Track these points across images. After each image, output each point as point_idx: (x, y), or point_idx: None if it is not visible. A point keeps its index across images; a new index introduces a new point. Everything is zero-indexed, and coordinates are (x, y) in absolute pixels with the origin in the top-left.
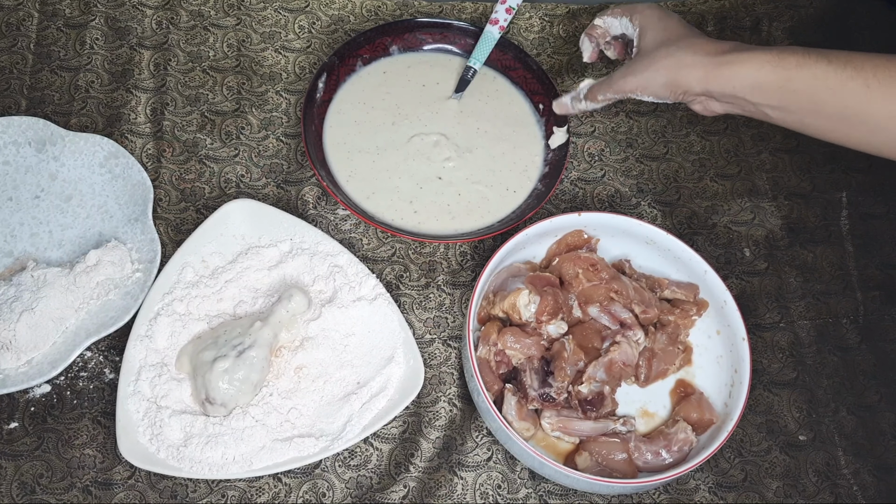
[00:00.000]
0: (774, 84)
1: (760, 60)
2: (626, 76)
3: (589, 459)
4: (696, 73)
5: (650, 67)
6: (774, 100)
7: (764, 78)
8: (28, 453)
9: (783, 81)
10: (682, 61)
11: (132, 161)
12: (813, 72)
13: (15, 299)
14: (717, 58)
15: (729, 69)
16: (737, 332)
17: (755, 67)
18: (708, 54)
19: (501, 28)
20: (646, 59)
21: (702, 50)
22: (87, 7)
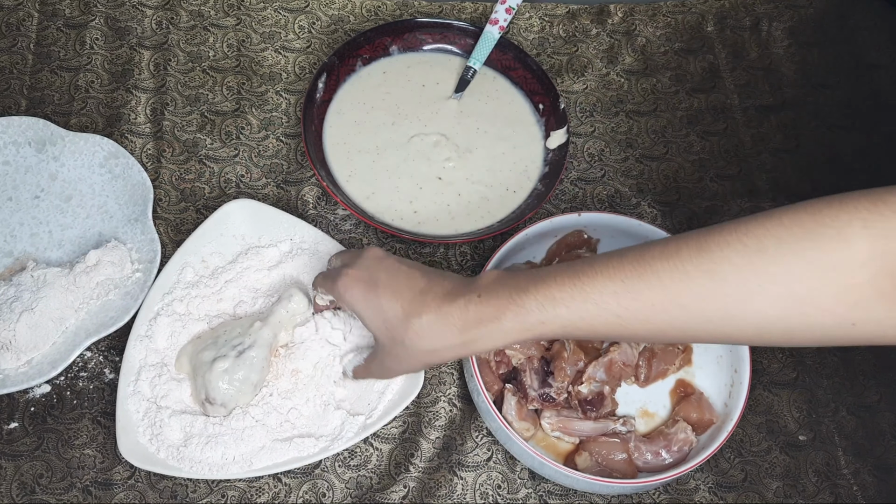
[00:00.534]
0: (529, 339)
1: (502, 332)
2: (385, 372)
3: (589, 459)
4: (444, 356)
5: (400, 364)
6: (560, 337)
7: (513, 339)
8: (28, 453)
9: (536, 336)
10: (426, 355)
11: (132, 161)
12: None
13: (15, 299)
14: (464, 338)
15: (474, 347)
16: None
17: (498, 338)
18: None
19: (501, 28)
20: (389, 356)
21: (439, 335)
22: (87, 7)
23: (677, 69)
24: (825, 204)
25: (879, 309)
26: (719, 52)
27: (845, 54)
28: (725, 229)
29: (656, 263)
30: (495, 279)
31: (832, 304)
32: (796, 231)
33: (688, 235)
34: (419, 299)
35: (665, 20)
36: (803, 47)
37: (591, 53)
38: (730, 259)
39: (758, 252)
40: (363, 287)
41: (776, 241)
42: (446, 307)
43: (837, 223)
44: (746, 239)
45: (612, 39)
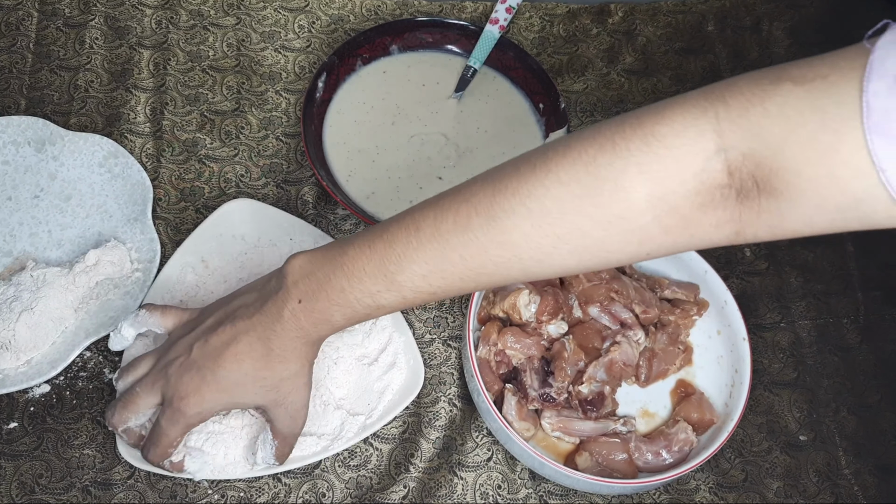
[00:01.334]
0: (370, 317)
1: (338, 325)
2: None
3: (589, 459)
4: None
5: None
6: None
7: (354, 322)
8: (27, 453)
9: (372, 314)
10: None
11: (132, 161)
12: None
13: (14, 299)
14: (310, 340)
15: (321, 338)
16: (737, 332)
17: (339, 327)
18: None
19: (501, 28)
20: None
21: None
22: (87, 6)
23: (678, 69)
24: (598, 148)
25: (667, 240)
26: (720, 52)
27: None
28: (509, 190)
29: (452, 239)
30: (302, 275)
31: (622, 246)
32: (574, 189)
33: (475, 198)
34: (256, 342)
35: (665, 20)
36: (804, 47)
37: (592, 53)
38: (519, 227)
39: (542, 216)
40: (208, 389)
41: (558, 204)
42: (280, 327)
43: (612, 172)
44: (530, 203)
45: (612, 39)
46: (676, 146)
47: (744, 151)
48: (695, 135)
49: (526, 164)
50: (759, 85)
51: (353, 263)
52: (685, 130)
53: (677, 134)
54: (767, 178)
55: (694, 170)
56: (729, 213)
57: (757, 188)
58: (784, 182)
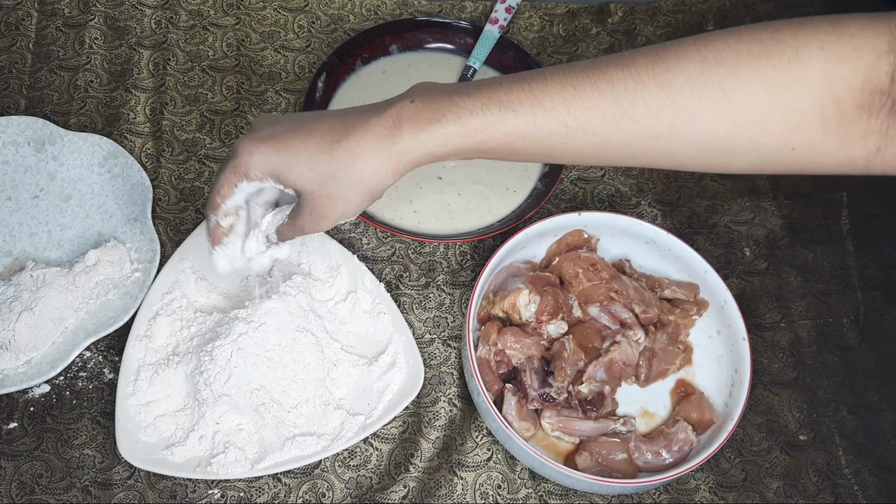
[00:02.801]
0: (470, 149)
1: (441, 136)
2: (319, 220)
3: (589, 459)
4: (383, 176)
5: (334, 205)
6: (488, 154)
7: (453, 148)
8: (27, 453)
9: (477, 146)
10: (360, 182)
11: (131, 161)
12: (504, 129)
13: (14, 299)
14: (399, 148)
15: (413, 155)
16: (737, 331)
17: (437, 145)
18: (377, 158)
19: (501, 27)
20: (320, 200)
21: (372, 153)
22: (87, 6)
23: None
24: (787, 24)
25: (819, 134)
26: None
27: None
28: (685, 42)
29: (610, 72)
30: (430, 86)
31: (776, 125)
32: (755, 47)
33: (646, 48)
34: (340, 124)
35: (665, 20)
36: None
37: (592, 53)
38: (687, 71)
39: (715, 65)
40: (270, 142)
41: (734, 56)
42: (375, 118)
43: (796, 42)
44: (706, 51)
45: (612, 39)
46: (857, 36)
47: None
48: (874, 33)
49: (708, 33)
50: None
51: (491, 81)
52: (868, 26)
53: (861, 27)
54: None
55: (866, 64)
56: (878, 124)
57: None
58: None
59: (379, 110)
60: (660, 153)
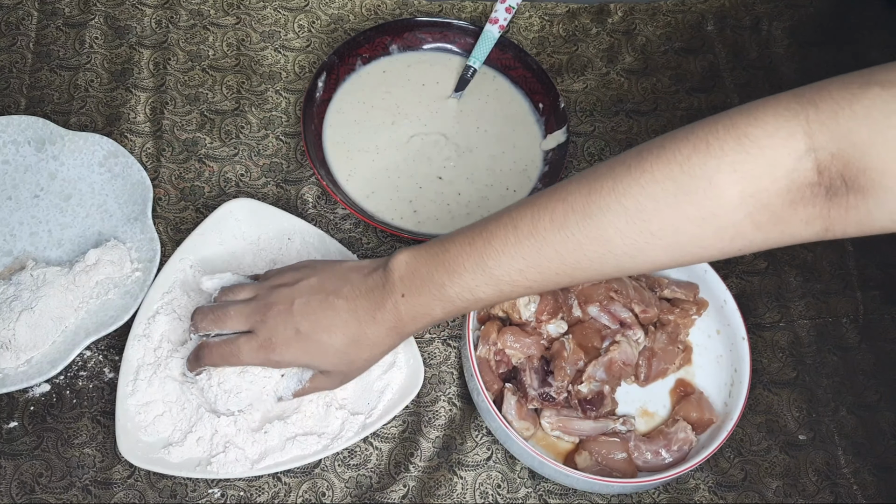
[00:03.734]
0: (457, 315)
1: (433, 320)
2: (336, 384)
3: (589, 459)
4: (390, 350)
5: (350, 376)
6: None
7: (443, 319)
8: (27, 452)
9: (462, 312)
10: (373, 359)
11: (132, 160)
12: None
13: (14, 298)
14: (401, 334)
15: (413, 333)
16: (737, 331)
17: (433, 323)
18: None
19: (501, 27)
20: (340, 374)
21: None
22: (87, 6)
23: (677, 69)
24: (692, 148)
25: (759, 236)
26: (719, 52)
27: (845, 54)
28: (605, 189)
29: (549, 236)
30: (407, 271)
31: (714, 242)
32: (669, 187)
33: (571, 197)
34: (353, 321)
35: (665, 19)
36: (803, 47)
37: (591, 53)
38: (614, 224)
39: (637, 213)
40: (297, 345)
41: (653, 202)
42: (380, 315)
43: (706, 171)
44: (625, 201)
45: (612, 39)
46: (769, 146)
47: (832, 152)
48: (786, 136)
49: (620, 164)
50: (848, 89)
51: (454, 260)
52: (777, 132)
53: (769, 135)
54: (855, 176)
55: (785, 168)
56: (818, 210)
57: (845, 186)
58: (871, 181)
59: (379, 304)
60: (619, 276)
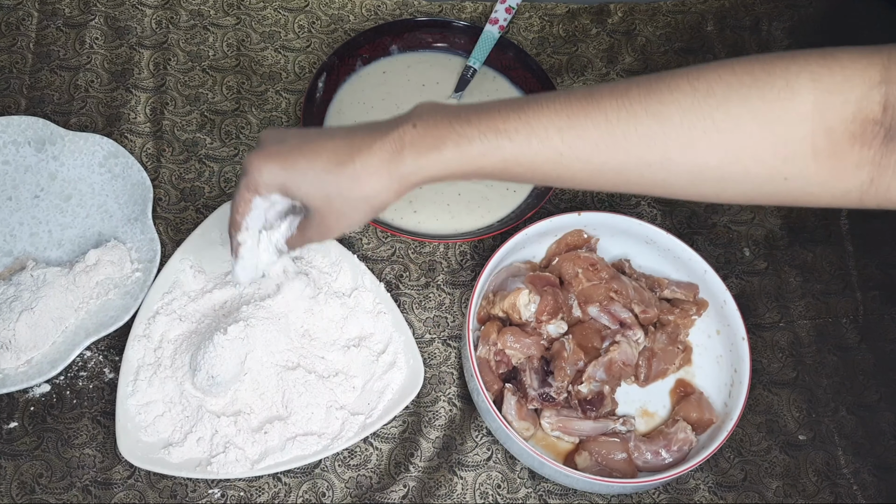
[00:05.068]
0: (468, 172)
1: (441, 162)
2: (325, 232)
3: (589, 459)
4: (386, 196)
5: (340, 220)
6: (486, 176)
7: (452, 172)
8: (28, 453)
9: (475, 170)
10: (365, 201)
11: (132, 160)
12: (501, 156)
13: (14, 299)
14: (401, 171)
15: (414, 178)
16: (736, 331)
17: (437, 169)
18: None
19: (501, 28)
20: (327, 215)
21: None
22: (87, 6)
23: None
24: (779, 56)
25: (811, 164)
26: (719, 52)
27: None
28: (678, 73)
29: (604, 101)
30: (431, 109)
31: (769, 155)
32: (745, 79)
33: (640, 77)
34: (345, 145)
35: (665, 20)
36: (803, 47)
37: (591, 53)
38: (678, 102)
39: (706, 96)
40: (277, 159)
41: (725, 87)
42: (379, 142)
43: (787, 74)
44: (697, 83)
45: (611, 39)
46: (849, 66)
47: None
48: (865, 64)
49: (695, 65)
50: None
51: (489, 105)
52: (859, 58)
53: (852, 59)
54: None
55: (857, 94)
56: (871, 154)
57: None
58: None
59: (382, 133)
60: (652, 181)
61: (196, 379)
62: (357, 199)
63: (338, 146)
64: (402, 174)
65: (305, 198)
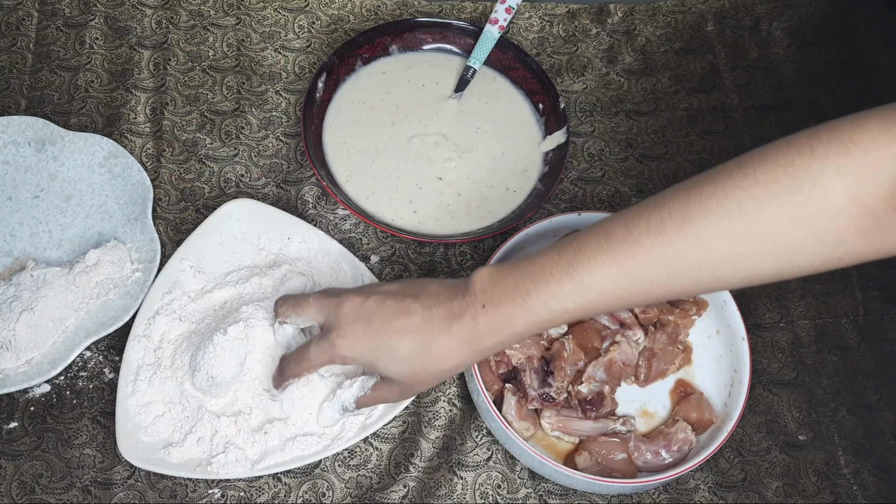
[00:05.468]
0: (536, 332)
1: (514, 336)
2: (403, 395)
3: (589, 459)
4: (468, 364)
5: (421, 387)
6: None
7: (522, 337)
8: (28, 453)
9: (543, 328)
10: (446, 372)
11: (132, 161)
12: (568, 314)
13: (14, 299)
14: (480, 348)
15: (491, 351)
16: (736, 331)
17: (517, 338)
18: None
19: (501, 28)
20: (409, 385)
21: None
22: (87, 6)
23: (677, 69)
24: (796, 152)
25: (861, 243)
26: (719, 52)
27: (845, 54)
28: (704, 194)
29: (645, 241)
30: (490, 283)
31: (817, 248)
32: (773, 188)
33: (668, 204)
34: (426, 327)
35: (665, 20)
36: (803, 47)
37: (591, 53)
38: (715, 227)
39: (739, 216)
40: (364, 341)
41: (756, 203)
42: (456, 325)
43: (811, 173)
44: (727, 203)
45: (611, 39)
46: (872, 149)
47: None
48: (889, 140)
49: (720, 171)
50: None
51: (540, 269)
52: (881, 136)
53: (874, 139)
54: None
55: (889, 173)
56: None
57: None
58: None
59: (457, 314)
60: (715, 288)
61: (196, 379)
62: (441, 373)
63: (420, 328)
64: (480, 350)
65: (392, 374)
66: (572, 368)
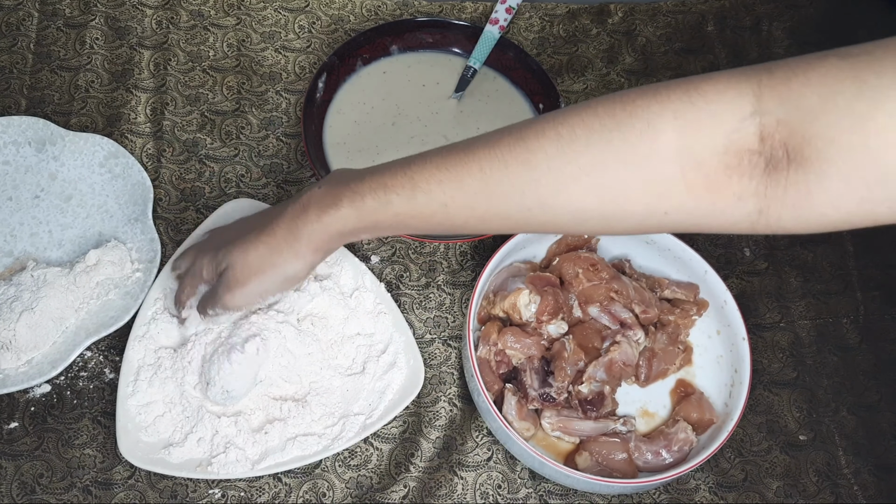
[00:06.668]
0: (368, 227)
1: (339, 219)
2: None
3: (589, 459)
4: (297, 265)
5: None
6: (387, 230)
7: (352, 228)
8: (28, 453)
9: (373, 225)
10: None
11: (132, 161)
12: (392, 211)
13: (15, 299)
14: (309, 229)
15: (317, 236)
16: (737, 331)
17: (338, 227)
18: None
19: (501, 28)
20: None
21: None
22: (87, 7)
23: (677, 69)
24: (642, 94)
25: (688, 200)
26: (719, 52)
27: None
28: (545, 119)
29: (479, 152)
30: (339, 173)
31: (641, 194)
32: (607, 122)
33: (513, 126)
34: (267, 217)
35: (665, 20)
36: (803, 47)
37: (592, 53)
38: (544, 149)
39: (570, 142)
40: (219, 249)
41: (587, 132)
42: (290, 206)
43: (648, 114)
44: (561, 129)
45: (612, 39)
46: (714, 101)
47: (779, 118)
48: (734, 95)
49: (573, 105)
50: (806, 59)
51: (382, 166)
52: (727, 90)
53: (719, 91)
54: (799, 146)
55: (726, 128)
56: (754, 185)
57: (787, 158)
58: (815, 150)
59: (294, 198)
60: (538, 223)
61: (210, 392)
62: (275, 267)
63: (276, 227)
64: (308, 233)
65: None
66: (573, 368)
